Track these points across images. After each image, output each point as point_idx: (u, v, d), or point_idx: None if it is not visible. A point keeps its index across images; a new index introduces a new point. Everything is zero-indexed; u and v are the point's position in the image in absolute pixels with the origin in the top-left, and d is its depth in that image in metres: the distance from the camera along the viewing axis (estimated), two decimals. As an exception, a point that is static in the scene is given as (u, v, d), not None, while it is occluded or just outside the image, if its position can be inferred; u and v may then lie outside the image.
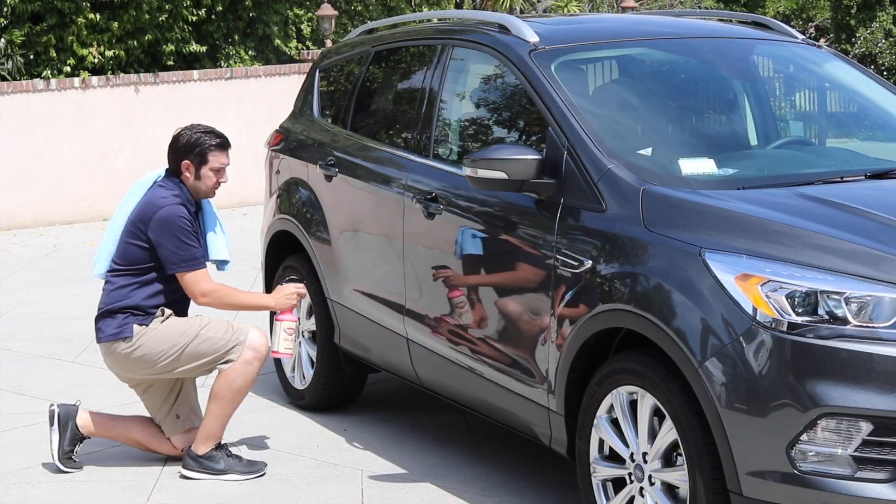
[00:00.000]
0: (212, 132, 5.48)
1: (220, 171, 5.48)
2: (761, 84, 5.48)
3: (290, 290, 5.57)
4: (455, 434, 5.94)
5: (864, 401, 3.60)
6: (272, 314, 6.65)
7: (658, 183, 4.34)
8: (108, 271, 5.44)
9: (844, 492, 3.63)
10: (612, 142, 4.58)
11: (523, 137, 5.11)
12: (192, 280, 5.33)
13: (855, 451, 3.64)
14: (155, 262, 5.34)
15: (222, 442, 5.48)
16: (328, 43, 16.12)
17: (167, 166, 5.52)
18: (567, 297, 4.42)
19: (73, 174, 14.18)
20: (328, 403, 6.31)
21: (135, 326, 5.33)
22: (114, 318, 5.36)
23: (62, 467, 5.46)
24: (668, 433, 4.06)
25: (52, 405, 5.53)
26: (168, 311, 5.39)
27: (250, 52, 16.18)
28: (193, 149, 5.41)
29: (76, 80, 14.26)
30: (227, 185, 5.83)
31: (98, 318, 5.42)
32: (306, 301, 6.36)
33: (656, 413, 4.14)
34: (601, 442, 4.36)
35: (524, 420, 4.78)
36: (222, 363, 5.37)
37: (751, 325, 3.75)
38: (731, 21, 6.21)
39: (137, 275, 5.35)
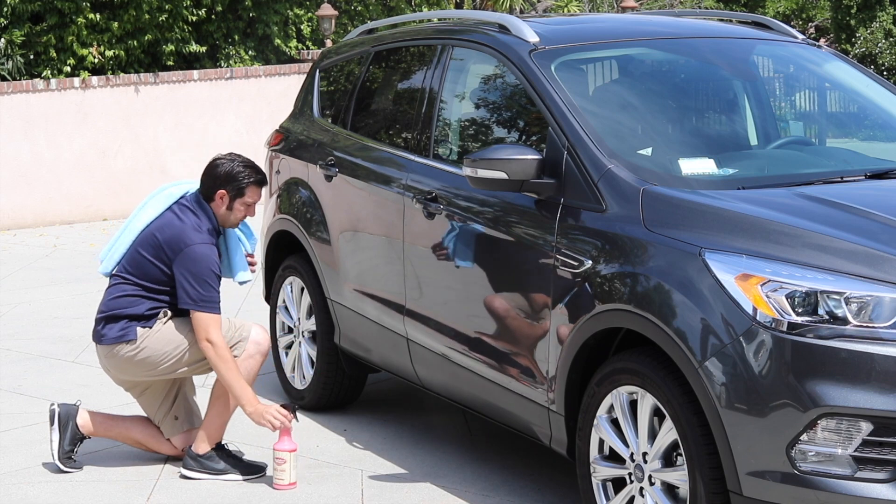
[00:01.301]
0: (252, 167, 5.44)
1: (251, 207, 5.46)
2: (761, 84, 5.48)
3: (273, 414, 5.19)
4: (455, 434, 5.94)
5: (864, 401, 3.60)
6: (273, 317, 6.66)
7: (658, 183, 4.34)
8: (116, 275, 5.42)
9: (844, 492, 3.63)
10: (612, 142, 4.58)
11: (523, 137, 5.11)
12: (205, 322, 5.22)
13: (855, 451, 3.64)
14: (170, 285, 5.32)
15: (222, 442, 5.48)
16: (328, 43, 16.13)
17: (199, 186, 5.46)
18: (567, 296, 4.42)
19: (73, 174, 14.18)
20: (328, 403, 6.30)
21: (138, 329, 5.32)
22: (116, 322, 5.35)
23: (62, 467, 5.46)
24: (668, 433, 4.06)
25: (52, 405, 5.53)
26: (169, 313, 5.38)
27: (250, 52, 16.19)
28: (233, 181, 5.37)
29: (76, 80, 14.27)
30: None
31: (98, 322, 5.41)
32: (306, 301, 6.37)
33: (656, 413, 4.14)
34: (601, 442, 4.36)
35: (524, 420, 4.78)
36: None
37: (751, 325, 3.75)
38: (731, 21, 6.21)
39: (146, 288, 5.34)
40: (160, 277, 5.32)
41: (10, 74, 14.45)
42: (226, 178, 5.37)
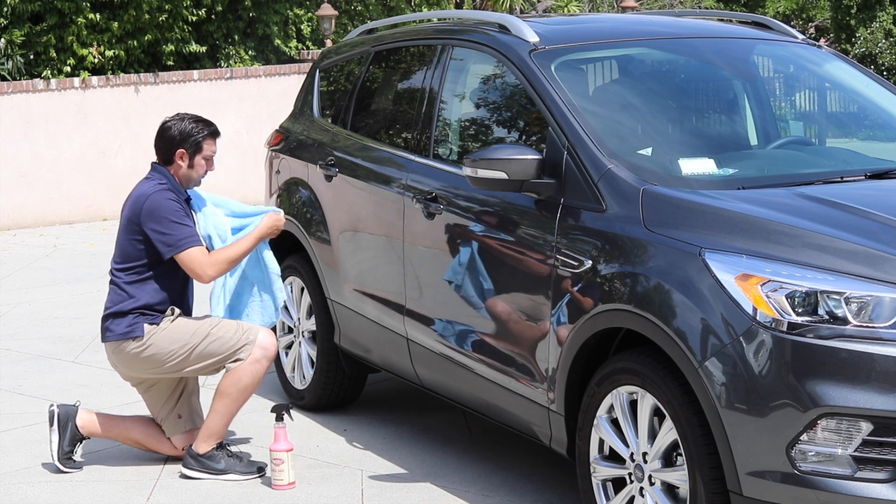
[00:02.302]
0: (202, 121, 5.53)
1: (210, 160, 5.53)
2: (761, 84, 5.48)
3: (273, 217, 5.55)
4: (455, 434, 5.94)
5: (864, 401, 3.60)
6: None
7: (658, 183, 4.34)
8: (112, 272, 5.43)
9: (844, 492, 3.62)
10: (612, 142, 4.58)
11: (523, 137, 5.11)
12: (188, 260, 5.30)
13: (855, 451, 3.64)
14: (152, 256, 5.34)
15: (223, 442, 5.48)
16: (328, 43, 16.13)
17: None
18: (567, 297, 4.42)
19: (73, 174, 14.19)
20: (328, 403, 6.31)
21: (145, 326, 5.32)
22: (123, 318, 5.35)
23: (62, 468, 5.46)
24: (668, 433, 4.06)
25: (51, 406, 5.53)
26: (177, 311, 5.39)
27: (250, 52, 16.19)
28: (188, 138, 5.44)
29: (76, 80, 14.27)
30: (226, 184, 5.83)
31: (105, 318, 5.41)
32: (306, 301, 6.37)
33: (656, 413, 4.14)
34: (601, 442, 4.36)
35: (524, 420, 4.78)
36: (231, 362, 5.37)
37: (751, 325, 3.75)
38: (731, 21, 6.21)
39: (139, 272, 5.35)
40: (141, 252, 5.34)
41: (10, 74, 14.45)
42: (181, 137, 5.44)
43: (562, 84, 4.83)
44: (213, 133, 5.52)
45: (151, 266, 5.35)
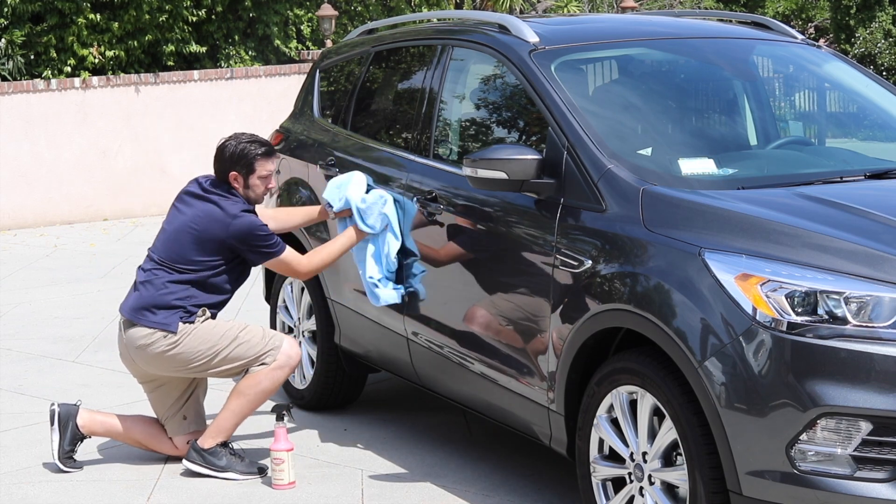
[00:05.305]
0: (257, 141, 5.46)
1: (267, 178, 5.48)
2: (761, 84, 5.48)
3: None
4: (455, 434, 5.94)
5: (864, 401, 3.60)
6: (273, 317, 6.66)
7: (658, 183, 4.34)
8: (153, 263, 5.39)
9: (844, 491, 3.63)
10: (611, 142, 4.58)
11: (523, 137, 5.12)
12: (281, 265, 5.43)
13: (854, 450, 3.64)
14: (212, 266, 5.33)
15: (227, 441, 5.47)
16: (328, 43, 16.13)
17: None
18: (567, 296, 4.42)
19: (73, 174, 14.19)
20: (328, 403, 6.31)
21: (180, 323, 5.30)
22: (161, 310, 5.30)
23: (62, 467, 5.46)
24: (668, 433, 4.06)
25: (52, 405, 5.53)
26: (208, 312, 5.38)
27: (250, 53, 16.19)
28: (240, 160, 5.40)
29: (76, 80, 14.27)
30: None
31: (139, 308, 5.34)
32: (306, 300, 6.37)
33: (656, 413, 4.14)
34: (601, 442, 4.36)
35: (524, 420, 4.79)
36: (255, 366, 5.37)
37: (750, 325, 3.76)
38: (730, 21, 6.22)
39: (191, 274, 5.32)
40: (207, 261, 5.33)
41: (10, 74, 14.46)
42: (233, 159, 5.41)
43: (562, 84, 4.84)
44: (267, 153, 5.47)
45: (207, 275, 5.34)
